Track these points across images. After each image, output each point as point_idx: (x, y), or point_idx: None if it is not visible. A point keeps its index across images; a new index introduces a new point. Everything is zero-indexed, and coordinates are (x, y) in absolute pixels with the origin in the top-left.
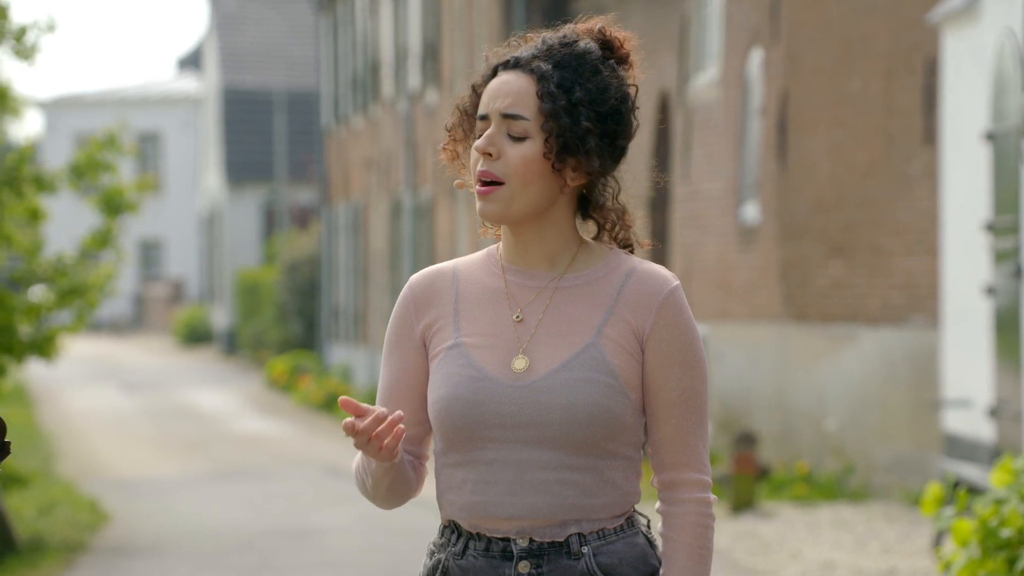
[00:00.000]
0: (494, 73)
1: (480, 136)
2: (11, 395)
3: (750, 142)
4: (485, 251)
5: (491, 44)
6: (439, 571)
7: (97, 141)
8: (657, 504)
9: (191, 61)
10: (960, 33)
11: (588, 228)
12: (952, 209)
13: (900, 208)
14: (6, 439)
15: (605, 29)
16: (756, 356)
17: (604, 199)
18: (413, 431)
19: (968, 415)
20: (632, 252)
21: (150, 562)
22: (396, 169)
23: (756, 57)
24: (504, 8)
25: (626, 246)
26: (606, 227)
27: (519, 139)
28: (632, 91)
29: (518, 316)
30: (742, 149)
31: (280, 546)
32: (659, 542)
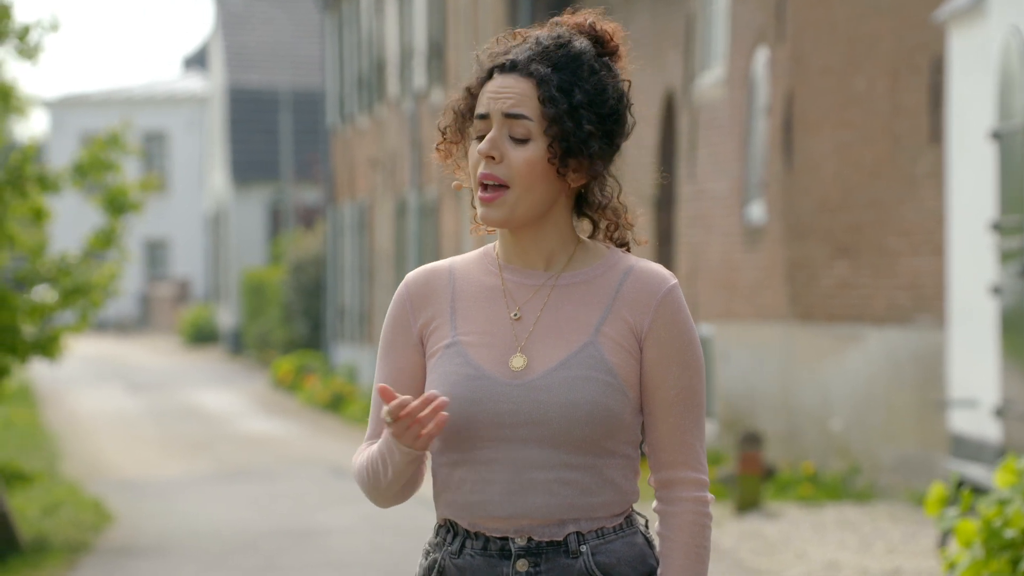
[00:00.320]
0: (489, 75)
1: (479, 137)
2: (16, 395)
3: (756, 142)
4: (482, 249)
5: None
6: (435, 571)
7: (100, 140)
8: (654, 503)
9: (197, 60)
10: (966, 32)
11: (584, 227)
12: (958, 209)
13: (906, 208)
14: None
15: (595, 24)
16: (761, 356)
17: (604, 199)
18: None
19: (974, 415)
20: (628, 250)
21: (154, 562)
22: (401, 169)
23: (762, 57)
24: (509, 6)
25: (622, 244)
26: (604, 226)
27: (522, 141)
28: (626, 87)
29: (515, 314)
30: (747, 149)
31: (285, 546)
32: (657, 541)
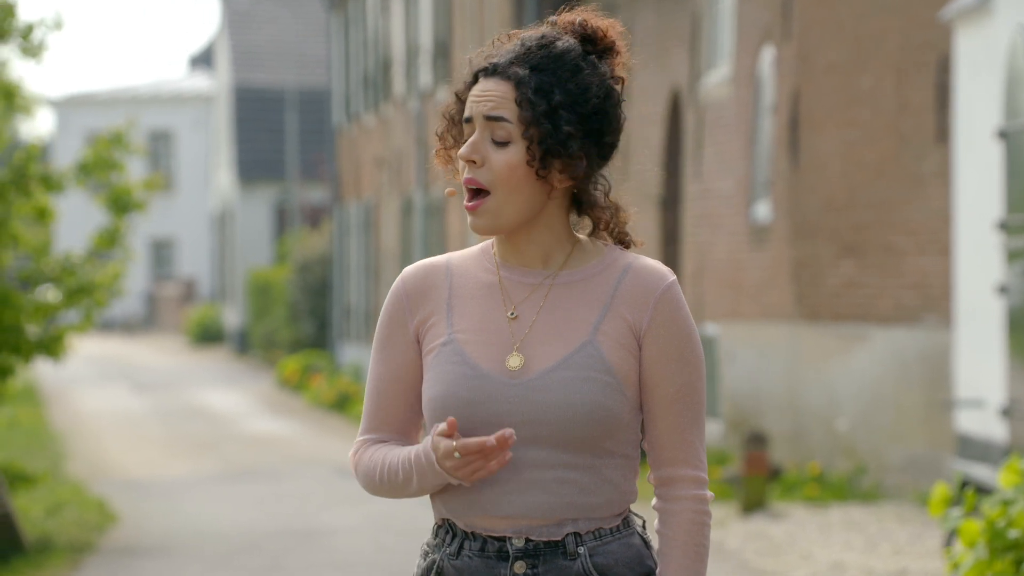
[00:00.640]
0: (475, 78)
1: (466, 141)
2: (21, 395)
3: (762, 140)
4: (480, 246)
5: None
6: (433, 572)
7: (104, 139)
8: (654, 501)
9: (203, 59)
10: (972, 31)
11: (584, 225)
12: (964, 208)
13: (912, 207)
14: None
15: (586, 22)
16: (767, 356)
17: (595, 198)
18: (408, 426)
19: (980, 415)
20: (629, 248)
21: (158, 563)
22: (407, 168)
23: (768, 55)
24: (515, 5)
25: (623, 242)
26: (600, 225)
27: (502, 144)
28: (617, 84)
29: (512, 313)
30: (753, 148)
31: (289, 547)
32: (655, 542)
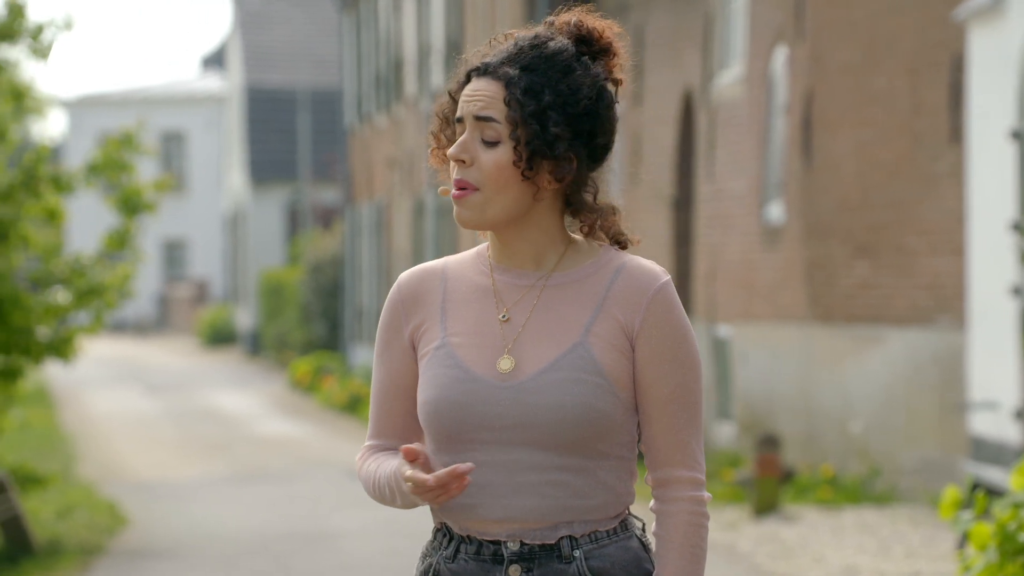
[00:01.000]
0: (468, 78)
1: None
2: (33, 397)
3: (775, 141)
4: (476, 249)
5: None
6: (430, 575)
7: (114, 140)
8: (651, 503)
9: (215, 60)
10: (986, 30)
11: (578, 226)
12: (978, 208)
13: (926, 208)
14: None
15: (581, 22)
16: (780, 357)
17: (584, 200)
18: (408, 432)
19: (994, 417)
20: (625, 248)
21: (166, 565)
22: (419, 168)
23: (781, 55)
24: (527, 4)
25: (619, 242)
26: (591, 228)
27: (492, 144)
28: (613, 85)
29: (504, 316)
30: (766, 148)
31: (298, 549)
32: (654, 544)
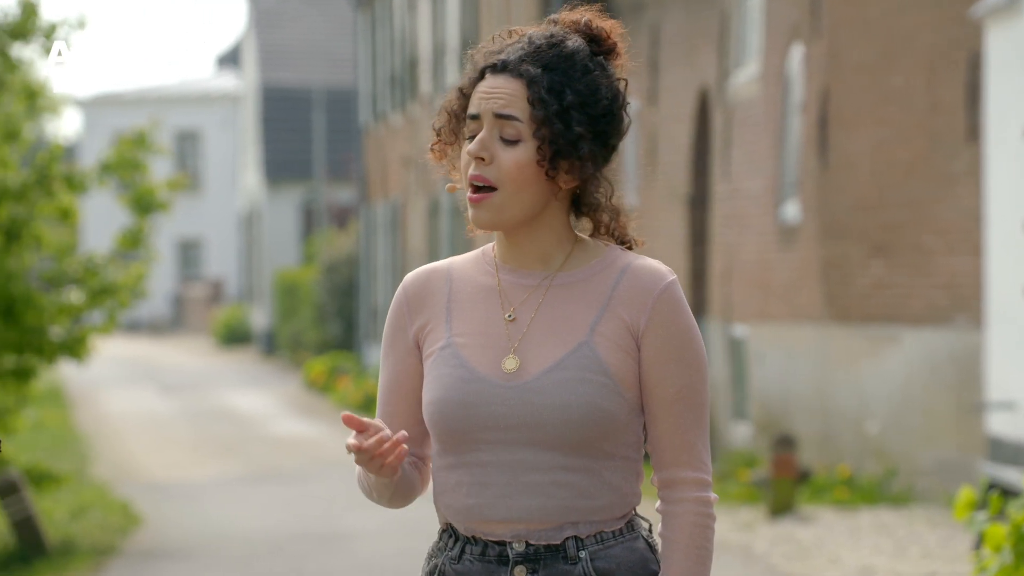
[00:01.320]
0: (481, 75)
1: (471, 137)
2: (48, 397)
3: (790, 140)
4: (481, 249)
5: None
6: None
7: (128, 140)
8: (657, 503)
9: (230, 59)
10: (1003, 28)
11: (584, 225)
12: (995, 207)
13: (943, 207)
14: None
15: (591, 22)
16: (796, 357)
17: (597, 200)
18: (413, 432)
19: (1012, 418)
20: (631, 248)
21: (179, 566)
22: (434, 167)
23: (797, 53)
24: (542, 3)
25: (624, 242)
26: (601, 228)
27: (512, 142)
28: (622, 86)
29: (510, 315)
30: (782, 147)
31: (312, 550)
32: (660, 545)
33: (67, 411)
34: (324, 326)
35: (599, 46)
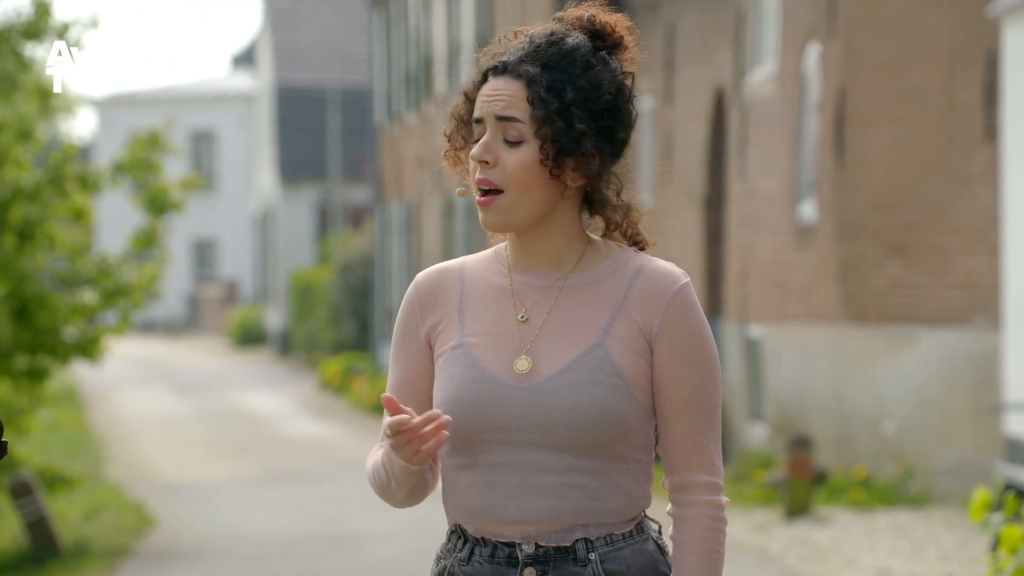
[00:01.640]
0: (484, 77)
1: (476, 141)
2: (62, 397)
3: (807, 139)
4: (493, 249)
5: None
6: None
7: (141, 140)
8: (668, 506)
9: (245, 58)
10: (1021, 27)
11: (597, 225)
12: (1013, 207)
13: (960, 206)
14: (3, 439)
15: (594, 17)
16: (813, 357)
17: (607, 197)
18: None
19: None
20: (643, 249)
21: (192, 567)
22: (450, 173)
23: (813, 52)
24: (557, 3)
25: (636, 242)
26: (612, 225)
27: (515, 144)
28: (628, 80)
29: (523, 316)
30: (799, 146)
31: (324, 552)
32: (671, 548)
33: (81, 412)
34: (339, 326)
35: (603, 41)
